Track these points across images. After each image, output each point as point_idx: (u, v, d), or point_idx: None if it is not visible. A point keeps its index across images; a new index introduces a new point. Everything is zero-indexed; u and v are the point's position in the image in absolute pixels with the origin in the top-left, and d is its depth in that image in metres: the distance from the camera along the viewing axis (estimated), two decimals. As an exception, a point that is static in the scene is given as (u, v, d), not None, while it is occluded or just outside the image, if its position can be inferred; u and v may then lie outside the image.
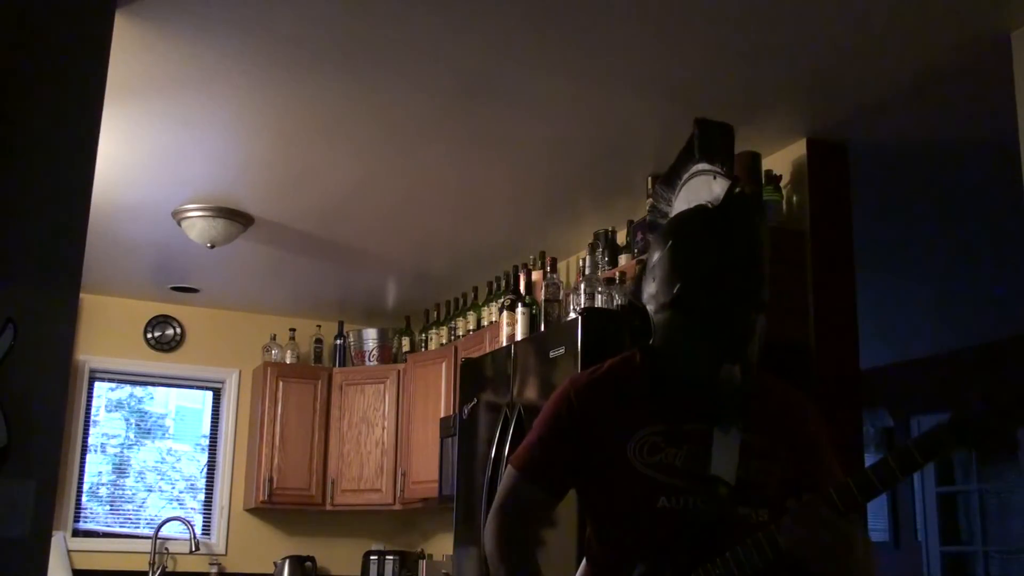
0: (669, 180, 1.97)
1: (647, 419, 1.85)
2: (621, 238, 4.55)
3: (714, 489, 1.77)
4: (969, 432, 1.55)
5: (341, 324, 6.64)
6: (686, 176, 1.93)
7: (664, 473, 1.80)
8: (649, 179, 4.13)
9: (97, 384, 6.35)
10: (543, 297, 4.57)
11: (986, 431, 1.54)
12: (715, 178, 1.86)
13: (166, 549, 6.20)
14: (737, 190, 1.83)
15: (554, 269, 4.75)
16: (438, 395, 5.78)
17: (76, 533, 6.08)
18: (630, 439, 1.83)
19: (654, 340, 1.88)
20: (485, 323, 5.46)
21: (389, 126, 3.95)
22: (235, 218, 4.86)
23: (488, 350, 4.88)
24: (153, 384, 6.58)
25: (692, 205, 1.88)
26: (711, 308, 1.80)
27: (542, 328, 4.47)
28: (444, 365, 5.78)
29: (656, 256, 1.89)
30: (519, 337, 4.62)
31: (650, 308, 1.88)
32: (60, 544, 5.80)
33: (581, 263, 4.60)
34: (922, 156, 4.09)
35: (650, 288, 1.89)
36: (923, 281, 5.79)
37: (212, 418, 6.64)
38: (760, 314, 1.84)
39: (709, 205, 1.84)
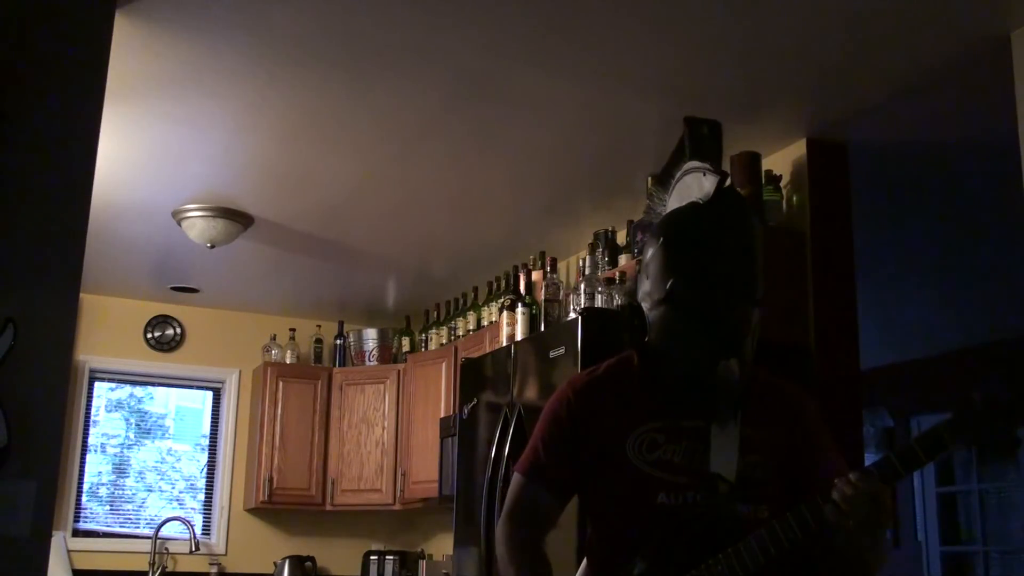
0: (663, 180, 1.99)
1: (645, 416, 1.85)
2: (621, 238, 4.55)
3: (714, 485, 1.78)
4: (971, 430, 1.56)
5: (341, 324, 6.64)
6: (678, 175, 1.94)
7: (663, 470, 1.81)
8: (649, 179, 4.12)
9: (97, 384, 6.35)
10: (543, 297, 4.57)
11: (988, 430, 1.55)
12: (705, 175, 1.87)
13: (166, 549, 6.20)
14: (726, 185, 1.84)
15: (554, 269, 4.74)
16: (438, 395, 5.78)
17: (76, 533, 6.08)
18: (629, 436, 1.84)
19: (650, 338, 1.88)
20: (485, 323, 5.46)
21: (389, 126, 3.95)
22: (235, 218, 4.86)
23: (488, 350, 4.88)
24: (153, 384, 6.58)
25: (684, 203, 1.89)
26: (704, 303, 1.81)
27: (542, 328, 4.47)
28: (444, 365, 5.78)
29: (649, 254, 1.90)
30: (519, 337, 4.62)
31: (645, 306, 1.89)
32: (60, 544, 5.80)
33: (581, 263, 4.60)
34: (922, 156, 4.09)
35: (644, 286, 1.90)
36: (923, 281, 5.79)
37: (212, 418, 6.64)
38: (755, 309, 1.85)
39: (700, 202, 1.85)
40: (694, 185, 1.89)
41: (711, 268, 1.81)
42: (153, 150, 4.20)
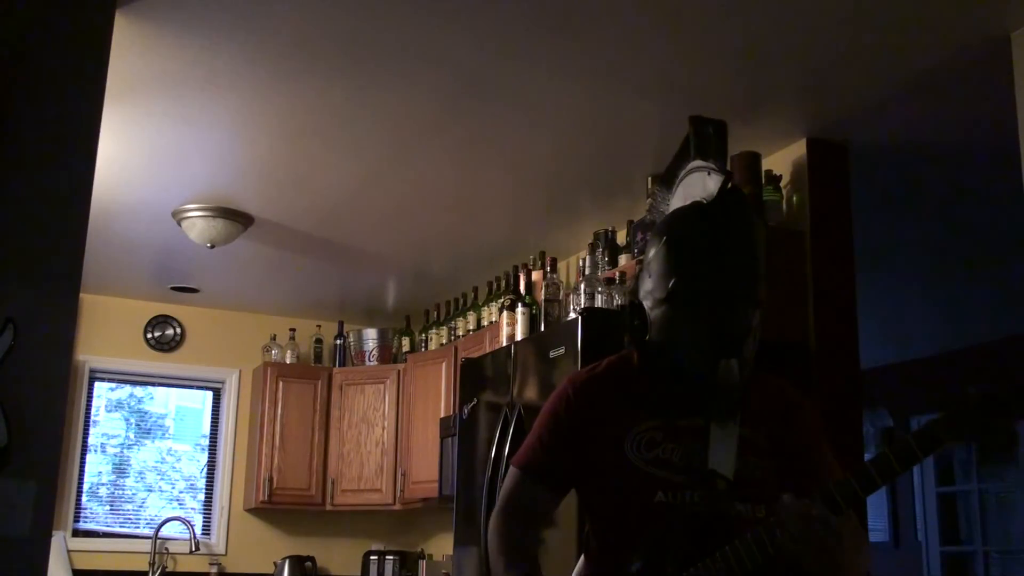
0: (666, 179, 1.98)
1: (644, 415, 1.86)
2: (621, 238, 4.55)
3: (712, 484, 1.78)
4: (966, 425, 1.56)
5: (341, 324, 6.64)
6: (682, 174, 1.94)
7: (662, 468, 1.81)
8: (649, 179, 4.13)
9: (97, 384, 6.35)
10: (543, 297, 4.57)
11: (983, 424, 1.55)
12: (709, 175, 1.87)
13: (166, 549, 6.20)
14: (730, 186, 1.84)
15: (554, 269, 4.75)
16: (438, 395, 5.78)
17: (76, 533, 6.08)
18: (628, 435, 1.84)
19: (651, 336, 1.88)
20: (485, 323, 5.46)
21: (389, 126, 3.95)
22: (235, 218, 4.86)
23: (488, 350, 4.88)
24: (153, 384, 6.58)
25: (688, 202, 1.89)
26: (707, 303, 1.81)
27: (542, 328, 4.47)
28: (444, 365, 5.78)
29: (652, 252, 1.90)
30: (519, 337, 4.62)
31: (647, 305, 1.89)
32: (60, 544, 5.80)
33: (581, 263, 4.60)
34: (922, 156, 4.09)
35: (646, 285, 1.90)
36: (923, 281, 5.79)
37: (212, 418, 6.64)
38: (756, 309, 1.85)
39: (704, 201, 1.85)
40: (698, 184, 1.89)
41: (713, 268, 1.81)
42: (153, 150, 4.20)
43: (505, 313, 4.86)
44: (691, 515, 1.78)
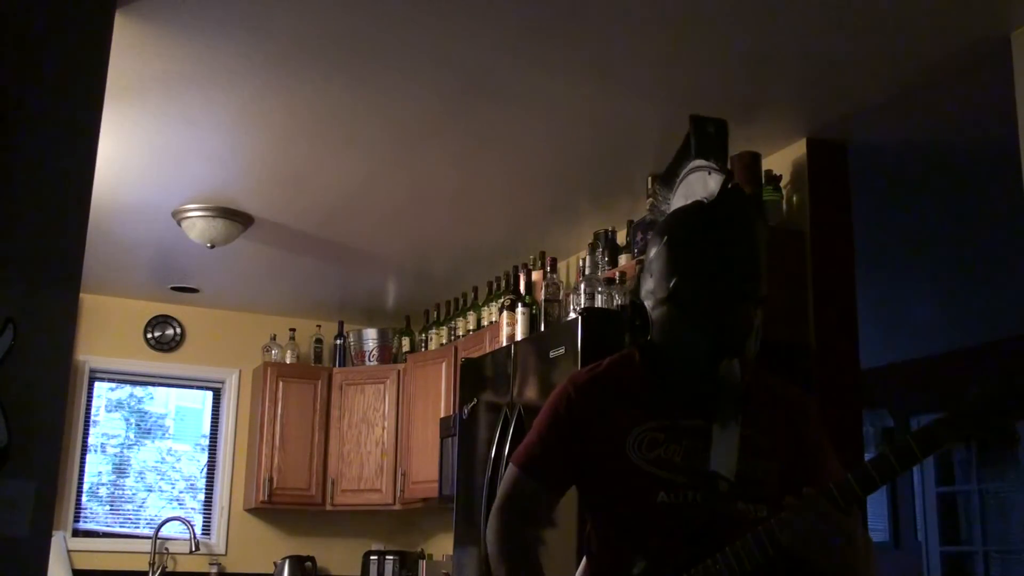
0: (667, 179, 1.98)
1: (646, 415, 1.85)
2: (621, 238, 4.55)
3: (713, 484, 1.78)
4: (967, 426, 1.56)
5: (341, 324, 6.64)
6: (683, 173, 1.94)
7: (663, 468, 1.81)
8: (649, 179, 4.13)
9: (97, 384, 6.35)
10: (543, 297, 4.57)
11: (984, 425, 1.55)
12: (710, 174, 1.87)
13: (166, 549, 6.20)
14: (731, 185, 1.84)
15: (554, 269, 4.75)
16: (438, 395, 5.78)
17: (76, 533, 6.08)
18: (629, 435, 1.84)
19: (652, 336, 1.88)
20: (485, 323, 5.46)
21: (390, 126, 3.95)
22: (235, 218, 4.86)
23: (488, 350, 4.88)
24: (153, 384, 6.58)
25: (689, 201, 1.89)
26: (708, 303, 1.81)
27: (542, 328, 4.47)
28: (444, 365, 5.78)
29: (653, 252, 1.90)
30: (519, 337, 4.62)
31: (648, 304, 1.89)
32: (60, 544, 5.80)
33: (581, 263, 4.60)
34: (922, 156, 4.09)
35: (648, 284, 1.90)
36: (923, 281, 5.79)
37: (212, 418, 6.64)
38: (758, 309, 1.85)
39: (705, 201, 1.85)
40: (699, 184, 1.89)
41: (715, 268, 1.81)
42: (153, 150, 4.20)
43: (505, 313, 4.86)
44: (693, 515, 1.78)
